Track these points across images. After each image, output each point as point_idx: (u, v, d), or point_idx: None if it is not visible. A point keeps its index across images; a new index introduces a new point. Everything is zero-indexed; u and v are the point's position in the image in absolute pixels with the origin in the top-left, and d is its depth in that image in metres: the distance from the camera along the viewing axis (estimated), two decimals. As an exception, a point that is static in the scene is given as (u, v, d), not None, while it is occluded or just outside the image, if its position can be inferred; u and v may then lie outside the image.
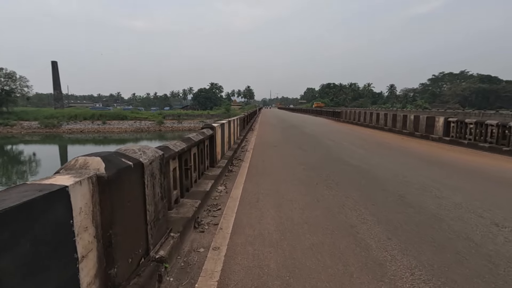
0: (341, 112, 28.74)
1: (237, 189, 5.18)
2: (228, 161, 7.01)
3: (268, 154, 9.02)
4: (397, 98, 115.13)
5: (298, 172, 6.58)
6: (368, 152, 9.53)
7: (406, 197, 4.69)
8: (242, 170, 6.80)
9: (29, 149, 36.62)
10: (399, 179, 5.89)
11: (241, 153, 9.26)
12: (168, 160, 3.20)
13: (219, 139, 6.49)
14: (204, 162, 5.29)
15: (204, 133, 5.21)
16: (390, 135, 15.21)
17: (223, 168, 6.03)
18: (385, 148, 10.69)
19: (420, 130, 14.01)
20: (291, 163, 7.57)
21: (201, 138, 4.72)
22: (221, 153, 6.78)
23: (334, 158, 8.45)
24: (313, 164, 7.49)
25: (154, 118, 58.93)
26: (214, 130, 5.92)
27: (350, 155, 8.88)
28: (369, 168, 6.93)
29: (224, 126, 7.29)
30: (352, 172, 6.57)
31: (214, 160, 5.95)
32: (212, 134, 5.77)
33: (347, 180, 5.84)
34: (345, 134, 15.63)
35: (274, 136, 14.64)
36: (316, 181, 5.76)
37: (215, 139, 5.98)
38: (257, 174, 6.37)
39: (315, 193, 4.93)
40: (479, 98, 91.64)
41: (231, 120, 9.00)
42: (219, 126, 6.52)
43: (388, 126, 17.54)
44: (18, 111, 56.38)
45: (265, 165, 7.33)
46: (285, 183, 5.57)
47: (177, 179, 3.60)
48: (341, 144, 11.48)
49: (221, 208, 4.19)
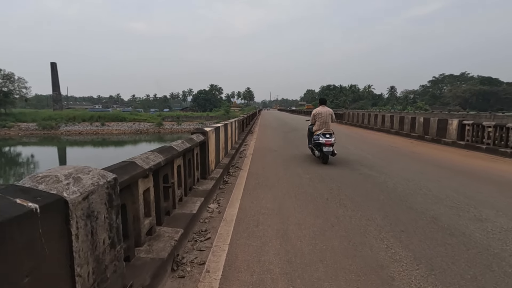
0: (344, 114, 27.88)
1: (233, 207, 4.29)
2: (224, 170, 6.12)
3: (269, 161, 8.14)
4: (397, 100, 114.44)
5: (304, 183, 5.69)
6: (378, 158, 8.66)
7: (440, 220, 3.81)
8: (239, 180, 5.92)
9: (25, 151, 35.76)
10: (423, 193, 5.01)
11: (239, 159, 8.37)
12: (134, 181, 2.32)
13: (212, 146, 5.60)
14: (193, 175, 4.41)
15: (193, 140, 4.32)
16: (397, 139, 14.34)
17: (217, 179, 5.15)
18: (396, 153, 9.81)
19: (431, 133, 13.14)
20: (295, 172, 6.69)
21: (187, 146, 3.83)
22: (215, 162, 5.89)
23: (343, 164, 7.55)
24: (320, 172, 6.61)
25: (153, 120, 58.18)
26: (207, 136, 5.04)
27: (360, 162, 8.00)
28: (385, 179, 6.04)
29: (219, 130, 6.41)
30: (365, 183, 5.69)
31: (207, 171, 5.07)
32: (204, 141, 4.89)
33: (363, 194, 4.95)
34: (350, 138, 14.75)
35: (274, 139, 13.76)
36: (326, 195, 4.88)
37: (207, 146, 5.10)
38: (256, 186, 5.49)
39: (328, 213, 4.05)
40: (480, 100, 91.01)
41: (228, 123, 8.12)
42: (213, 130, 5.64)
43: (395, 129, 16.67)
44: (16, 112, 55.39)
45: (265, 174, 6.44)
46: (289, 199, 4.69)
47: (151, 203, 2.72)
48: (347, 148, 10.60)
49: (210, 236, 3.29)
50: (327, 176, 6.23)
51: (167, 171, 3.20)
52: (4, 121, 49.25)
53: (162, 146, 3.32)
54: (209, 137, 5.21)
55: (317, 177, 6.15)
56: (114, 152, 35.20)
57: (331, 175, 6.31)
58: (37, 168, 26.96)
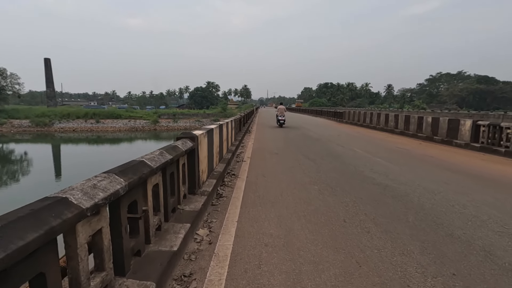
0: (344, 113, 27.04)
1: (228, 233, 3.39)
2: (218, 179, 5.22)
3: (270, 166, 7.25)
4: (394, 98, 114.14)
5: (312, 197, 4.81)
6: (389, 162, 7.80)
7: (496, 254, 2.94)
8: (236, 193, 5.02)
9: (18, 148, 34.59)
10: (457, 211, 4.15)
11: (236, 164, 7.47)
12: (71, 226, 1.42)
13: (204, 152, 4.69)
14: (177, 192, 3.50)
15: (177, 148, 3.40)
16: (404, 139, 13.52)
17: (209, 194, 4.24)
18: (407, 156, 8.97)
19: (440, 134, 12.33)
20: (300, 181, 5.80)
21: (168, 158, 2.92)
22: (207, 171, 4.99)
23: (353, 172, 6.70)
24: (329, 182, 5.74)
25: (149, 117, 57.28)
26: (196, 141, 4.13)
27: (371, 167, 7.14)
28: (405, 190, 5.18)
29: (212, 133, 5.49)
30: (385, 197, 4.82)
31: (196, 184, 4.16)
32: (193, 147, 3.97)
33: (386, 213, 4.08)
34: (354, 138, 13.91)
35: (274, 140, 12.87)
36: (342, 215, 4.00)
37: (197, 154, 4.19)
38: (256, 200, 4.59)
39: (349, 243, 3.17)
40: (477, 99, 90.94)
41: (223, 124, 7.20)
42: (205, 134, 4.73)
43: (400, 129, 15.85)
44: (8, 109, 54.18)
45: (266, 184, 5.55)
46: (298, 220, 3.80)
47: (103, 250, 1.82)
48: (354, 151, 9.75)
49: (196, 286, 2.40)
50: (339, 188, 5.35)
51: (135, 197, 2.30)
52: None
53: (129, 161, 2.41)
54: (199, 142, 4.29)
55: (328, 189, 5.27)
56: (104, 151, 34.15)
57: (343, 187, 5.43)
58: (31, 165, 26.07)
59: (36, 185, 17.24)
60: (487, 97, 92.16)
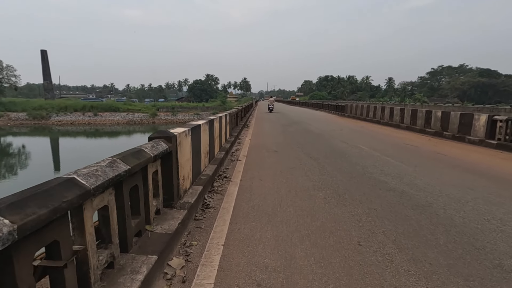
0: (346, 106, 26.14)
1: (209, 265, 2.60)
2: (206, 185, 4.42)
3: (267, 166, 6.46)
4: (395, 92, 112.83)
5: (317, 207, 4.02)
6: (400, 162, 7.01)
7: None
8: (226, 202, 4.22)
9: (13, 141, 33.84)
10: (499, 230, 3.36)
11: (230, 164, 6.67)
12: None
13: (186, 154, 3.88)
14: (144, 210, 2.69)
15: (142, 153, 2.58)
16: (411, 135, 12.70)
17: (190, 206, 3.45)
18: (418, 155, 8.17)
19: (451, 129, 11.51)
20: (302, 186, 5.01)
21: (121, 171, 2.10)
22: (191, 176, 4.17)
23: (361, 174, 5.91)
24: (335, 187, 4.95)
25: (147, 110, 56.40)
26: (175, 142, 3.31)
27: (381, 168, 6.35)
28: (427, 199, 4.39)
29: (199, 130, 4.66)
30: (405, 208, 4.03)
31: (175, 195, 3.36)
32: (168, 150, 3.16)
33: (410, 231, 3.29)
34: (358, 134, 13.09)
35: (273, 135, 12.05)
36: (356, 234, 3.22)
37: (175, 157, 3.38)
38: (250, 213, 3.80)
39: (369, 282, 2.38)
40: (478, 92, 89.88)
41: (215, 119, 6.36)
42: (187, 132, 3.90)
43: (406, 124, 15.02)
44: (5, 101, 53.12)
45: (263, 190, 4.76)
46: (300, 243, 3.01)
47: None
48: (359, 148, 8.94)
49: None
50: (348, 195, 4.56)
51: (54, 237, 1.50)
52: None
53: (45, 182, 1.59)
54: (179, 143, 3.47)
55: (335, 196, 4.48)
56: (101, 145, 33.34)
57: (352, 193, 4.64)
58: (29, 159, 25.51)
59: (31, 179, 16.49)
60: (488, 90, 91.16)
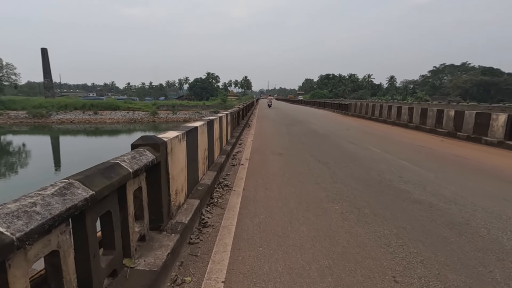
0: (349, 105, 25.46)
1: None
2: (204, 197, 3.79)
3: (273, 172, 5.83)
4: (396, 90, 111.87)
5: (335, 226, 3.39)
6: (418, 167, 6.37)
7: None
8: (227, 218, 3.59)
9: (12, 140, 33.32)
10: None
11: (231, 170, 6.04)
12: None
13: (179, 163, 3.24)
14: (119, 242, 2.06)
15: (117, 169, 1.94)
16: (422, 135, 12.05)
17: (184, 228, 2.82)
18: (435, 158, 7.53)
19: (465, 129, 10.86)
20: (314, 196, 4.38)
21: (82, 198, 1.48)
22: (186, 187, 3.54)
23: (378, 181, 5.28)
24: (352, 198, 4.31)
25: (147, 109, 55.76)
26: (164, 151, 2.68)
27: (399, 174, 5.72)
28: (462, 214, 3.76)
29: (196, 133, 4.03)
30: (439, 227, 3.39)
31: (164, 214, 2.72)
32: (155, 162, 2.52)
33: (455, 262, 2.66)
34: (366, 134, 12.44)
35: (276, 136, 11.42)
36: (389, 265, 2.58)
37: (165, 169, 2.75)
38: (255, 235, 3.17)
39: None
40: (481, 91, 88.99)
41: (215, 119, 5.71)
42: (181, 136, 3.26)
43: (415, 123, 14.36)
44: (5, 100, 52.52)
45: (269, 202, 4.13)
46: (321, 279, 2.38)
47: None
48: (370, 150, 8.31)
49: None
50: (368, 209, 3.92)
51: None
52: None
53: None
54: (170, 151, 2.84)
55: (353, 211, 3.84)
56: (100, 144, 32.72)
57: (373, 207, 4.00)
58: (29, 157, 25.02)
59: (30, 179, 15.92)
60: (491, 89, 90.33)
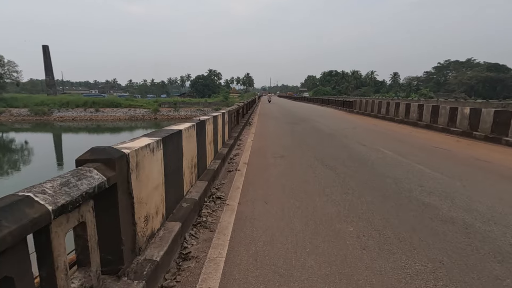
0: (354, 102, 24.60)
1: None
2: (187, 219, 3.07)
3: (274, 180, 5.09)
4: (400, 87, 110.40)
5: (352, 258, 2.65)
6: (440, 173, 5.60)
7: None
8: (216, 248, 2.84)
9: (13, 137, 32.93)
10: None
11: (226, 177, 5.31)
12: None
13: (152, 179, 2.49)
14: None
15: (22, 211, 1.24)
16: (434, 135, 11.25)
17: (153, 270, 2.09)
18: (456, 161, 6.75)
19: (482, 129, 10.05)
20: (323, 214, 3.64)
21: None
22: (164, 209, 2.79)
23: (396, 191, 4.53)
24: (369, 215, 3.57)
25: (149, 106, 55.29)
26: (125, 167, 1.95)
27: (418, 182, 4.96)
28: (509, 239, 3.01)
29: (178, 138, 3.28)
30: (485, 261, 2.64)
31: (126, 252, 1.99)
32: (108, 184, 1.79)
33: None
34: (374, 133, 11.65)
35: (278, 135, 10.66)
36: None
37: (127, 191, 2.01)
38: (251, 274, 2.43)
39: None
40: (486, 87, 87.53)
41: (208, 119, 4.96)
42: (153, 146, 2.50)
43: (425, 122, 13.54)
44: (7, 97, 52.29)
45: (269, 222, 3.40)
46: None
47: None
48: (381, 152, 7.55)
49: None
50: (390, 231, 3.17)
51: None
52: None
53: None
54: (134, 166, 2.10)
55: (373, 234, 3.10)
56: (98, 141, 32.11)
57: (396, 228, 3.25)
58: (32, 154, 24.67)
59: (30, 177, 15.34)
60: (497, 85, 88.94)
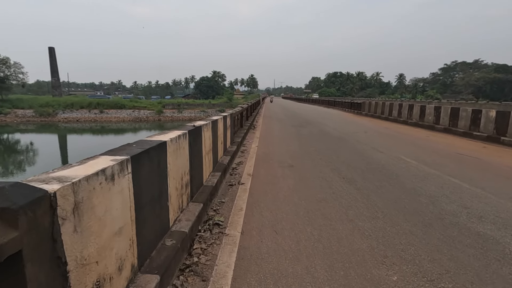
0: (363, 104, 23.62)
1: None
2: (169, 268, 2.22)
3: (283, 199, 4.22)
4: (406, 88, 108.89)
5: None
6: (480, 188, 4.70)
7: None
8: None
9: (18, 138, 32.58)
10: None
11: (227, 194, 4.45)
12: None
13: (107, 227, 1.65)
14: None
15: None
16: (455, 140, 10.30)
17: None
18: (494, 174, 5.82)
19: (511, 134, 9.10)
20: (352, 250, 2.77)
21: None
22: (132, 264, 1.95)
23: (437, 216, 3.64)
24: (413, 254, 2.69)
25: (153, 107, 55.01)
26: (50, 218, 1.12)
27: (461, 202, 4.07)
28: None
29: (158, 154, 2.44)
30: None
31: None
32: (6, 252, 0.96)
33: None
34: (389, 138, 10.72)
35: (285, 140, 9.79)
36: None
37: (44, 273, 1.17)
38: None
39: None
40: (494, 89, 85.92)
41: (205, 125, 4.11)
42: (110, 173, 1.66)
43: (442, 125, 12.59)
44: (13, 98, 52.39)
45: (282, 266, 2.53)
46: None
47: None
48: (403, 161, 6.64)
49: None
50: (452, 285, 2.30)
51: None
52: (1, 107, 46.45)
53: None
54: (70, 213, 1.26)
55: (411, 273, 2.23)
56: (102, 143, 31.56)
57: (457, 279, 2.38)
58: (37, 155, 24.46)
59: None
60: (505, 87, 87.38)
